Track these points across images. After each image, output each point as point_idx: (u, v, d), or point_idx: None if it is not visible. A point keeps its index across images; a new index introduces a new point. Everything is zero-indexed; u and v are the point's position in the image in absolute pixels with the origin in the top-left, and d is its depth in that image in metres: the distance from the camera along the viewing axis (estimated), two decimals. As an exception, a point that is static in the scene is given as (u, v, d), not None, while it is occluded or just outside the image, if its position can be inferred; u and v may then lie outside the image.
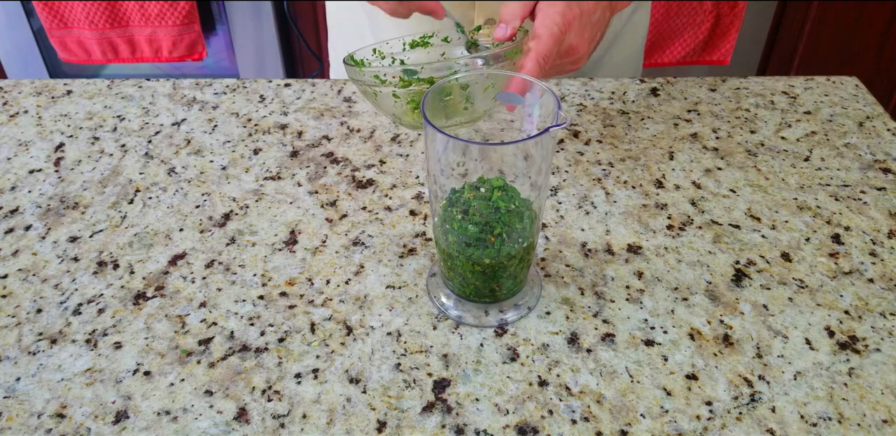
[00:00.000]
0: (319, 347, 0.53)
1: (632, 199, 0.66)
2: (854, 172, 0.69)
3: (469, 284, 0.52)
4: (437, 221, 0.51)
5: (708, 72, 1.66)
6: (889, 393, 0.50)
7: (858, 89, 0.81)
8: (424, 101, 0.45)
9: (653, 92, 0.80)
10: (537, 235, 0.51)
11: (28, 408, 0.49)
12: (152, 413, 0.48)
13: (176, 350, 0.53)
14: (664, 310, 0.55)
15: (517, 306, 0.55)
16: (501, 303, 0.55)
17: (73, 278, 0.58)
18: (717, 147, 0.72)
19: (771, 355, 0.52)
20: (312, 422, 0.48)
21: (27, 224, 0.63)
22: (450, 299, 0.55)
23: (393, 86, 0.55)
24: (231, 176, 0.68)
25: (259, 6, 1.55)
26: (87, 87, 0.81)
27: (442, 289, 0.56)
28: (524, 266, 0.52)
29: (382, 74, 0.55)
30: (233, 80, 0.82)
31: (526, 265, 0.53)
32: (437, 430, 0.47)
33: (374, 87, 0.56)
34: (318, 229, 0.63)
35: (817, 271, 0.59)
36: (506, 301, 0.55)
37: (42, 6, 1.46)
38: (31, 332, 0.54)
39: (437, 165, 0.47)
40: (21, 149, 0.72)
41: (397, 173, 0.69)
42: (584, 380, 0.50)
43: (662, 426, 0.48)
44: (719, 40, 1.51)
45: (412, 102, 0.57)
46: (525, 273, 0.54)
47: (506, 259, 0.50)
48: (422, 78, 0.54)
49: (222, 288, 0.57)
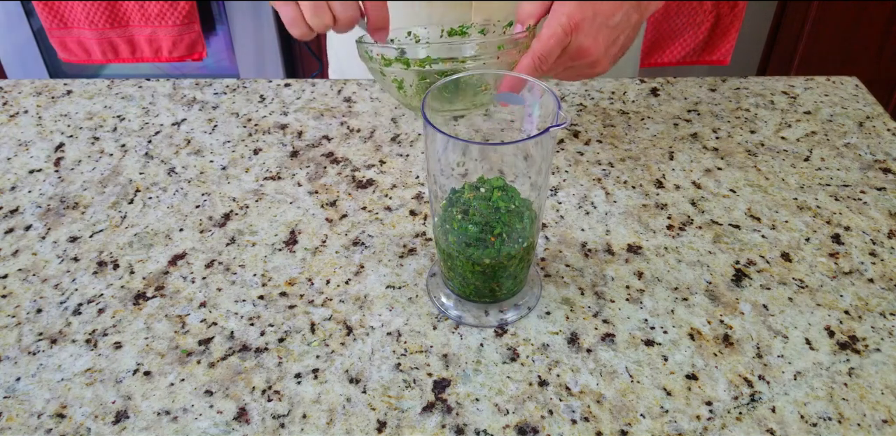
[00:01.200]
0: (319, 347, 0.53)
1: (632, 199, 0.66)
2: (854, 172, 0.69)
3: (469, 284, 0.52)
4: (437, 221, 0.51)
5: (708, 72, 1.66)
6: (889, 393, 0.50)
7: (858, 89, 0.81)
8: (425, 101, 0.45)
9: (653, 92, 0.80)
10: (537, 234, 0.51)
11: (28, 408, 0.49)
12: (152, 413, 0.48)
13: (176, 350, 0.53)
14: (664, 310, 0.55)
15: (517, 306, 0.55)
16: (501, 303, 0.55)
17: (73, 278, 0.58)
18: (717, 147, 0.72)
19: (771, 355, 0.52)
20: (312, 422, 0.48)
21: (27, 224, 0.63)
22: (450, 299, 0.55)
23: (397, 64, 0.56)
24: (231, 176, 0.68)
25: (259, 6, 1.55)
26: (87, 87, 0.81)
27: (442, 289, 0.56)
28: (524, 266, 0.52)
29: (386, 54, 0.56)
30: (233, 80, 0.82)
31: (526, 265, 0.53)
32: (437, 430, 0.47)
33: (379, 66, 0.58)
34: (318, 229, 0.63)
35: (817, 271, 0.59)
36: (506, 301, 0.55)
37: (42, 6, 1.46)
38: (31, 332, 0.54)
39: (437, 165, 0.47)
40: (21, 149, 0.72)
41: (397, 173, 0.69)
42: (584, 380, 0.50)
43: (662, 426, 0.48)
44: (719, 40, 1.51)
45: (418, 86, 0.58)
46: (525, 273, 0.54)
47: (506, 259, 0.50)
48: (420, 60, 0.56)
49: (222, 288, 0.57)
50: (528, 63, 0.55)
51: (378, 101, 0.78)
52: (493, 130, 0.57)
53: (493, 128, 0.57)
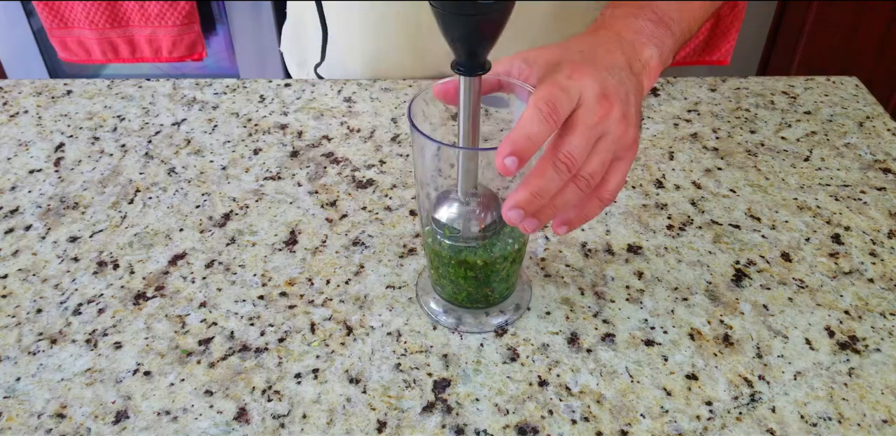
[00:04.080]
0: (319, 347, 0.53)
1: (632, 199, 0.66)
2: (854, 172, 0.69)
3: (461, 290, 0.52)
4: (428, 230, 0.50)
5: (708, 72, 1.65)
6: (889, 393, 0.50)
7: (858, 89, 0.81)
8: (410, 106, 0.45)
9: (653, 92, 0.80)
10: (527, 238, 0.51)
11: (28, 408, 0.49)
12: (152, 413, 0.48)
13: (176, 350, 0.52)
14: (664, 310, 0.55)
15: (503, 313, 0.55)
16: (491, 308, 0.54)
17: (73, 278, 0.58)
18: (717, 147, 0.72)
19: (771, 355, 0.52)
20: (312, 422, 0.48)
21: (27, 224, 0.63)
22: (439, 305, 0.55)
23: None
24: (231, 176, 0.68)
25: (259, 6, 1.55)
26: (87, 87, 0.81)
27: (432, 295, 0.56)
28: (515, 268, 0.52)
29: None
30: (233, 80, 0.82)
31: (517, 267, 0.52)
32: (437, 430, 0.47)
33: None
34: (318, 229, 0.63)
35: (817, 271, 0.59)
36: (495, 306, 0.55)
37: (42, 6, 1.46)
38: (31, 332, 0.54)
39: (426, 173, 0.47)
40: (21, 149, 0.72)
41: (397, 173, 0.69)
42: (584, 380, 0.50)
43: (662, 426, 0.48)
44: (719, 40, 1.51)
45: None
46: (516, 276, 0.54)
47: (499, 261, 0.50)
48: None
49: (222, 288, 0.57)
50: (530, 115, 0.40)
51: (378, 101, 0.78)
52: (493, 130, 0.57)
53: (493, 129, 0.57)
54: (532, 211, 0.41)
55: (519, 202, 0.40)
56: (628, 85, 0.45)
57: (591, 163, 0.42)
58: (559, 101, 0.40)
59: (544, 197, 0.41)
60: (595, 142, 0.42)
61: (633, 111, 0.44)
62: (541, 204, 0.41)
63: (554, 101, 0.40)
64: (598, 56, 0.45)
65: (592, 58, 0.44)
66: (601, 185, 0.44)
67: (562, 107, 0.40)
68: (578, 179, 0.42)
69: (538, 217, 0.42)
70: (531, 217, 0.42)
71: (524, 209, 0.41)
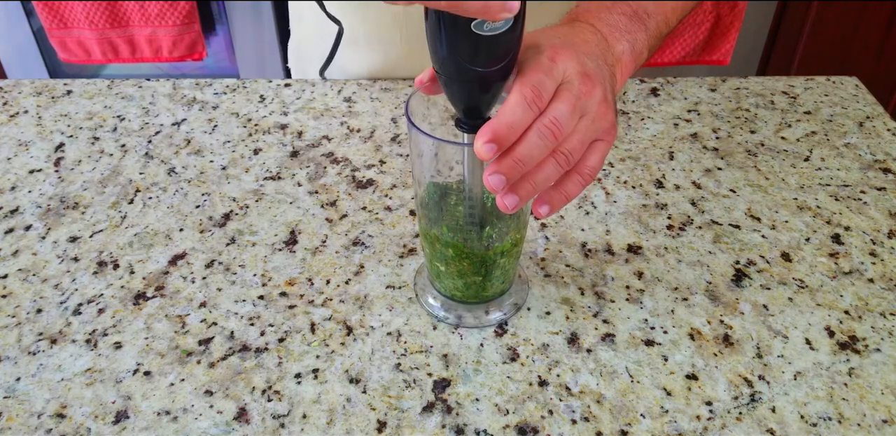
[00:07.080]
0: (319, 347, 0.53)
1: (632, 199, 0.66)
2: (854, 172, 0.69)
3: (458, 284, 0.52)
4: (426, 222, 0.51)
5: (708, 72, 1.65)
6: (889, 393, 0.50)
7: (858, 89, 0.81)
8: (407, 106, 0.45)
9: (653, 92, 0.80)
10: (525, 228, 0.51)
11: (28, 408, 0.49)
12: (152, 413, 0.48)
13: (176, 350, 0.52)
14: (664, 310, 0.55)
15: (501, 311, 0.55)
16: (488, 303, 0.55)
17: (73, 278, 0.58)
18: (717, 147, 0.72)
19: (771, 355, 0.52)
20: (312, 422, 0.48)
21: (27, 224, 0.63)
22: (437, 300, 0.55)
23: None
24: (231, 176, 0.68)
25: (259, 6, 1.55)
26: (87, 87, 0.81)
27: (430, 290, 0.56)
28: (513, 263, 0.52)
29: None
30: (233, 80, 0.82)
31: (514, 262, 0.52)
32: (437, 430, 0.47)
33: None
34: (318, 229, 0.63)
35: (817, 271, 0.59)
36: (493, 301, 0.55)
37: (42, 6, 1.46)
38: (31, 332, 0.54)
39: (424, 170, 0.47)
40: (21, 149, 0.72)
41: (397, 173, 0.69)
42: (584, 380, 0.50)
43: (662, 426, 0.48)
44: (719, 40, 1.51)
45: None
46: (513, 272, 0.54)
47: (497, 254, 0.50)
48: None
49: (222, 288, 0.57)
50: (516, 100, 0.40)
51: (378, 101, 0.78)
52: None
53: None
54: (513, 177, 0.40)
55: (500, 167, 0.40)
56: (605, 73, 0.45)
57: (571, 140, 0.42)
58: (543, 87, 0.40)
59: (526, 164, 0.40)
60: (577, 119, 0.42)
61: (612, 97, 0.45)
62: (521, 171, 0.40)
63: (539, 87, 0.40)
64: (575, 43, 0.45)
65: (571, 43, 0.45)
66: (581, 161, 0.44)
67: (546, 92, 0.40)
68: (558, 155, 0.42)
69: (517, 193, 0.41)
70: (511, 192, 0.41)
71: (505, 175, 0.40)
